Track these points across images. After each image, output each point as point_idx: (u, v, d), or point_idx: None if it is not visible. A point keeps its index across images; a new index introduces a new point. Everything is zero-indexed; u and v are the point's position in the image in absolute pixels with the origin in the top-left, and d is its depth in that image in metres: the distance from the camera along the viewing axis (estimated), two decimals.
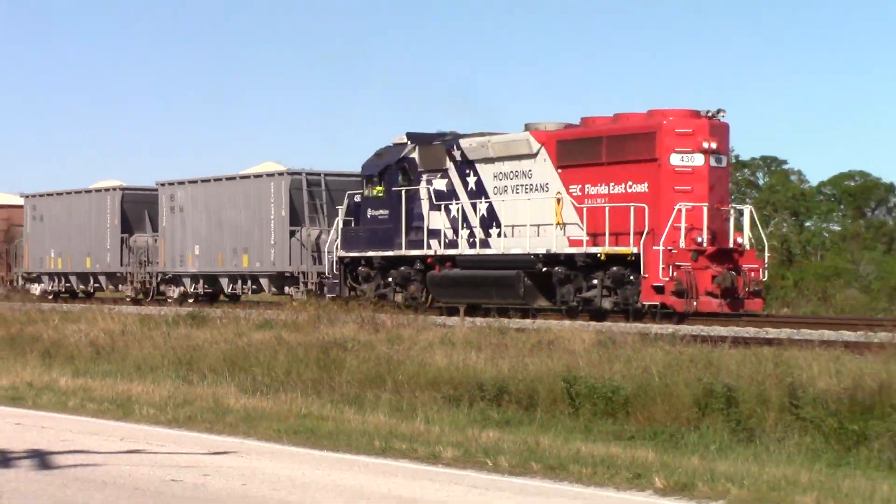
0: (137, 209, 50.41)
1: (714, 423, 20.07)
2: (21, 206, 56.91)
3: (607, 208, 30.86)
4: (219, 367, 28.30)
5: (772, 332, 26.38)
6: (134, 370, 29.59)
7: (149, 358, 30.86)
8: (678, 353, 23.03)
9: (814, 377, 20.08)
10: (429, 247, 35.49)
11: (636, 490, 15.59)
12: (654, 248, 29.41)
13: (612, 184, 31.19)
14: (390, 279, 36.65)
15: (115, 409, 23.35)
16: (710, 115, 30.48)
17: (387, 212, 36.92)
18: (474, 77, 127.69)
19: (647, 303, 29.71)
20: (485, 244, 34.24)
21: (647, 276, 29.45)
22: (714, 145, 30.22)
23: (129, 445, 18.86)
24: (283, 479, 16.08)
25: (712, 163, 30.29)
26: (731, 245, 30.40)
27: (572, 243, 31.74)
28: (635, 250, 29.87)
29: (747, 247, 30.66)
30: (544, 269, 32.26)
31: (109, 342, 33.56)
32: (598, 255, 30.69)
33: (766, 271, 31.31)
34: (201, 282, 46.40)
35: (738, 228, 30.89)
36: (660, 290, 29.29)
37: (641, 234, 29.97)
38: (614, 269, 30.52)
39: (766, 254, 31.63)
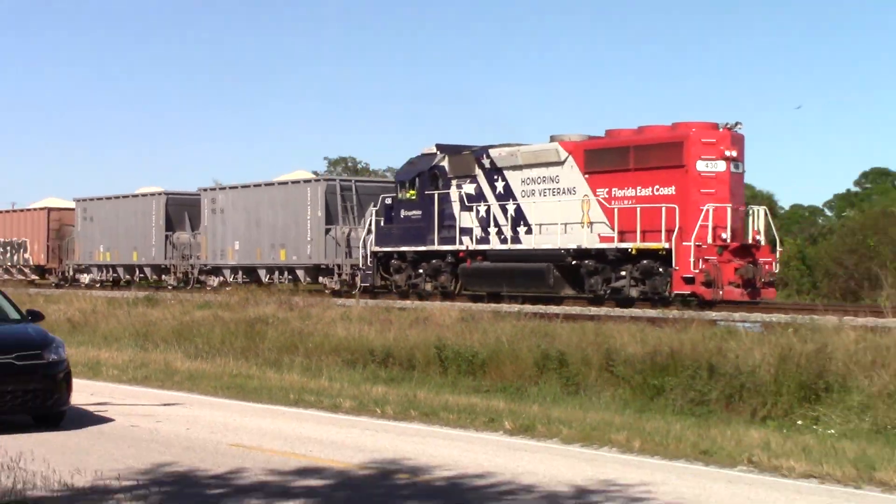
0: (179, 211, 47.34)
1: (550, 380, 20.18)
2: (70, 209, 53.60)
3: (638, 209, 27.77)
4: (169, 337, 27.92)
5: (593, 311, 26.57)
6: (102, 340, 29.13)
7: (114, 331, 30.42)
8: (522, 326, 23.08)
9: (624, 344, 20.25)
10: (461, 242, 32.15)
11: (491, 431, 15.62)
12: (685, 243, 26.68)
13: (639, 187, 28.20)
14: (420, 271, 33.39)
15: (87, 371, 22.91)
16: (729, 126, 27.75)
17: (419, 212, 33.54)
18: (488, 93, 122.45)
19: (677, 292, 26.90)
20: (515, 240, 30.87)
21: (677, 268, 26.71)
22: (734, 153, 27.57)
23: (98, 399, 18.51)
24: (218, 425, 15.89)
25: (732, 169, 27.58)
26: (749, 241, 27.77)
27: (602, 239, 28.68)
28: (667, 245, 26.97)
29: (763, 243, 27.99)
30: (573, 263, 29.17)
31: (83, 319, 33.02)
32: (629, 249, 27.74)
33: (778, 264, 28.92)
34: (240, 273, 43.17)
35: (753, 226, 28.23)
36: (689, 280, 26.59)
37: (671, 231, 27.05)
38: (644, 262, 27.58)
39: (779, 249, 29.19)
